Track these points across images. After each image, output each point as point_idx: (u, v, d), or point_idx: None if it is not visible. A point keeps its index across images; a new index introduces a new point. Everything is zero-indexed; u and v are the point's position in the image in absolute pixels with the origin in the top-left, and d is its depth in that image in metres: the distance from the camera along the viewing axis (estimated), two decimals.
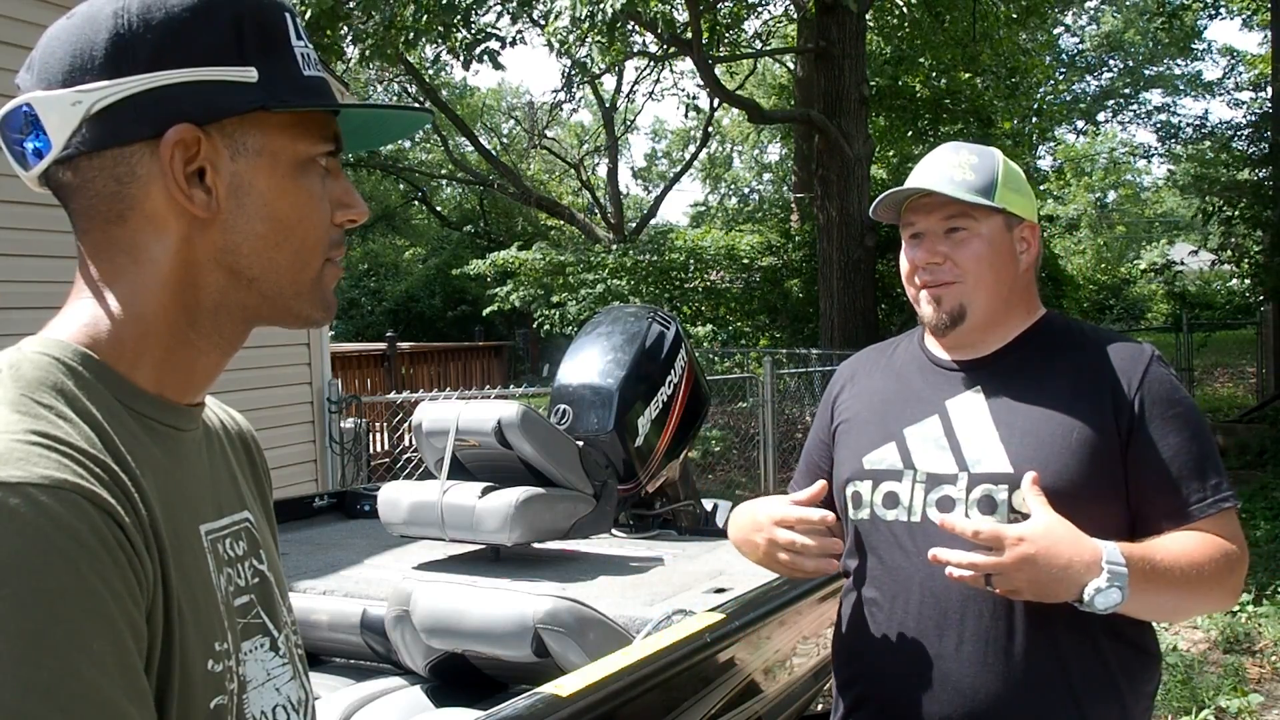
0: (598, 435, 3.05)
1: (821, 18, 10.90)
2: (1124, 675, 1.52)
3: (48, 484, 0.65)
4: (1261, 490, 7.93)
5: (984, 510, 1.51)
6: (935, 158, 1.62)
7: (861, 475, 1.64)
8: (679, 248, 14.12)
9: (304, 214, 0.83)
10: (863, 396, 1.74)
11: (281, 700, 0.87)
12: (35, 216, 4.52)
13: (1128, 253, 29.28)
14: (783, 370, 9.94)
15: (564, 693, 1.56)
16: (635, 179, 37.36)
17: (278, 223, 0.81)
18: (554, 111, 21.75)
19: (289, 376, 6.23)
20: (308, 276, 0.84)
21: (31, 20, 4.69)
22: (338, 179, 0.86)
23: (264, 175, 0.80)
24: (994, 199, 1.55)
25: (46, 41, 0.79)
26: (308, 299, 0.85)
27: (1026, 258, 1.62)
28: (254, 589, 0.87)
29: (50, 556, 0.63)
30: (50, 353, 0.76)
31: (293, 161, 0.82)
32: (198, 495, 0.84)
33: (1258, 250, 10.88)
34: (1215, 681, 4.44)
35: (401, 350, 12.28)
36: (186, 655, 0.74)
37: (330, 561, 2.92)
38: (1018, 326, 1.63)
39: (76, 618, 0.63)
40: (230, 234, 0.80)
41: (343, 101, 0.85)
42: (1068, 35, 27.04)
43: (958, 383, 1.62)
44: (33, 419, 0.70)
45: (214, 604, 0.80)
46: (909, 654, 1.55)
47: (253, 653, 0.85)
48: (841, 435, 1.73)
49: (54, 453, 0.68)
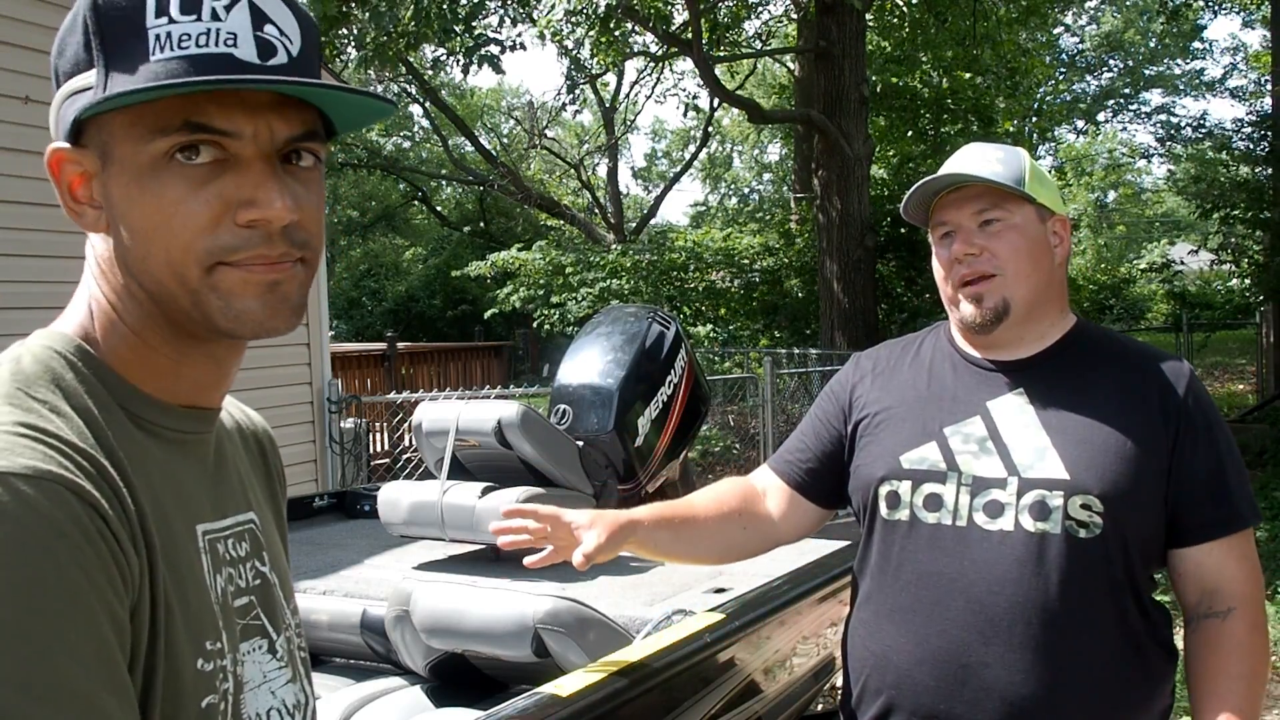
0: (598, 435, 3.05)
1: (821, 18, 10.90)
2: (1161, 679, 1.55)
3: (30, 474, 0.65)
4: (1261, 490, 7.92)
5: (1035, 516, 1.48)
6: (963, 155, 1.60)
7: (900, 474, 1.58)
8: (679, 248, 14.12)
9: (159, 221, 0.75)
10: (892, 390, 1.67)
11: (276, 704, 0.87)
12: (36, 216, 4.53)
13: (1128, 253, 29.29)
14: (783, 370, 9.93)
15: (564, 693, 1.56)
16: (635, 179, 37.37)
17: (135, 233, 0.76)
18: (557, 114, 21.76)
19: (289, 376, 6.23)
20: (189, 286, 0.76)
21: (32, 20, 4.68)
22: (241, 173, 0.76)
23: (116, 184, 0.76)
24: (1025, 189, 1.54)
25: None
26: (206, 308, 0.77)
27: (1060, 251, 1.60)
28: (254, 590, 0.87)
29: (29, 547, 0.63)
30: (54, 345, 0.77)
31: (142, 165, 0.75)
32: (196, 495, 0.83)
33: (1257, 250, 10.88)
34: None
35: (401, 350, 12.28)
36: (174, 652, 0.74)
37: (330, 561, 2.92)
38: (1053, 330, 1.60)
39: (54, 609, 0.62)
40: (115, 246, 0.79)
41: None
42: (1068, 35, 27.06)
43: (998, 384, 1.58)
44: (23, 412, 0.70)
45: (207, 604, 0.80)
46: (950, 662, 1.50)
47: (250, 654, 0.85)
48: (870, 430, 1.66)
49: (40, 445, 0.68)
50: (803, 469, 1.76)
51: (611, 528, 1.58)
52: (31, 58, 4.60)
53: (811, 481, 1.75)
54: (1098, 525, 1.46)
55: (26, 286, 4.54)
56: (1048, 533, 1.47)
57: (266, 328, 0.78)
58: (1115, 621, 1.48)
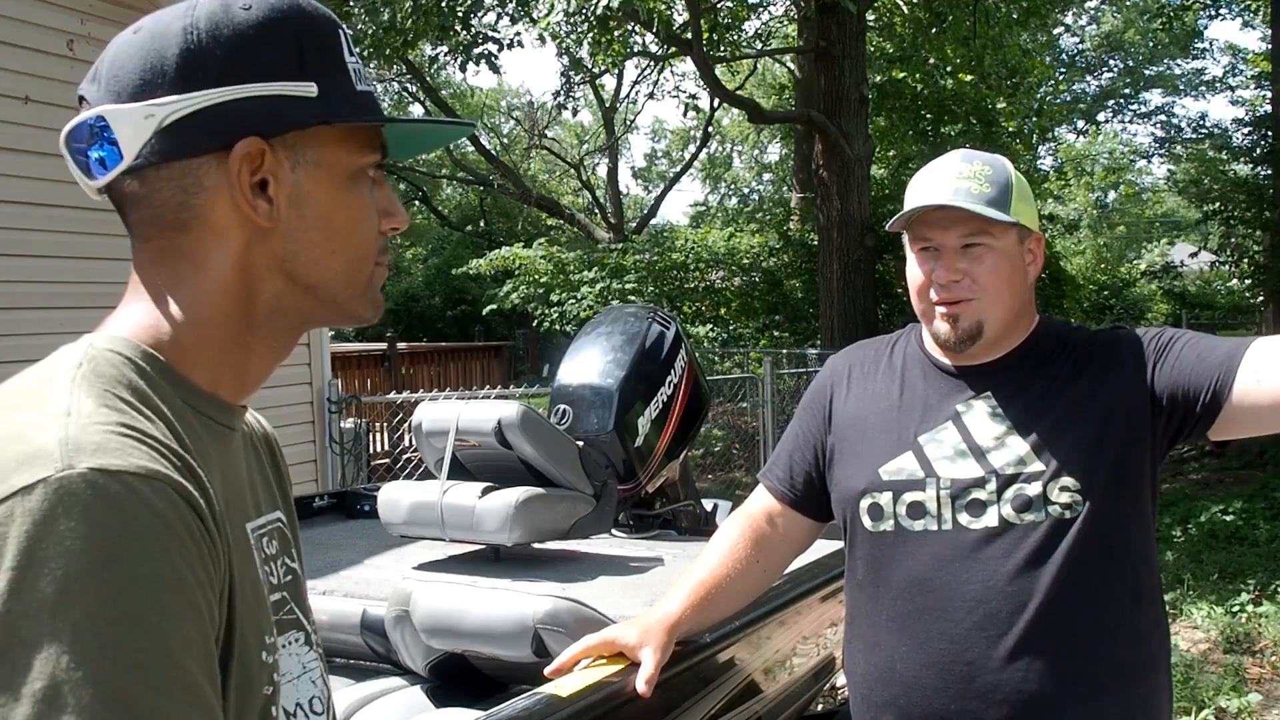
0: (598, 435, 3.05)
1: (821, 18, 10.89)
2: (1153, 650, 1.56)
3: (144, 473, 0.68)
4: (1262, 490, 7.92)
5: (1018, 509, 1.51)
6: (948, 168, 1.58)
7: (880, 486, 1.60)
8: (679, 248, 14.12)
9: (357, 222, 0.86)
10: (865, 400, 1.69)
11: (317, 692, 0.92)
12: (36, 216, 4.53)
13: (1128, 253, 29.30)
14: (783, 370, 9.94)
15: (564, 693, 1.56)
16: (635, 179, 37.40)
17: (334, 231, 0.85)
18: (556, 113, 21.76)
19: (289, 377, 6.22)
20: (361, 280, 0.88)
21: (32, 20, 4.68)
22: (383, 188, 0.89)
23: (322, 186, 0.84)
24: (1009, 211, 1.53)
25: (114, 55, 0.81)
26: (361, 301, 0.89)
27: (1034, 269, 1.62)
28: (286, 586, 0.92)
29: (148, 543, 0.66)
30: (121, 351, 0.79)
31: (347, 173, 0.85)
32: (243, 493, 0.87)
33: (1258, 251, 10.88)
34: (1215, 681, 4.44)
35: (401, 350, 12.28)
36: (246, 645, 0.78)
37: (330, 561, 2.92)
38: (1018, 335, 1.62)
39: (170, 603, 0.66)
40: (289, 242, 0.83)
41: (388, 113, 0.89)
42: (1068, 35, 27.05)
43: (967, 389, 1.61)
44: (119, 413, 0.72)
45: (262, 598, 0.84)
46: (955, 662, 1.51)
47: (287, 647, 0.89)
48: (846, 445, 1.68)
49: (144, 445, 0.70)
50: (797, 486, 1.77)
51: (659, 639, 1.62)
52: (31, 58, 4.60)
53: (807, 495, 1.76)
54: (1079, 504, 1.49)
55: (27, 286, 4.54)
56: (1034, 522, 1.50)
57: (379, 315, 0.93)
58: (1111, 598, 1.50)
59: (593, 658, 1.64)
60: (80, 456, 0.66)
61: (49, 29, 4.70)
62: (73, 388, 0.73)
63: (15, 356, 0.82)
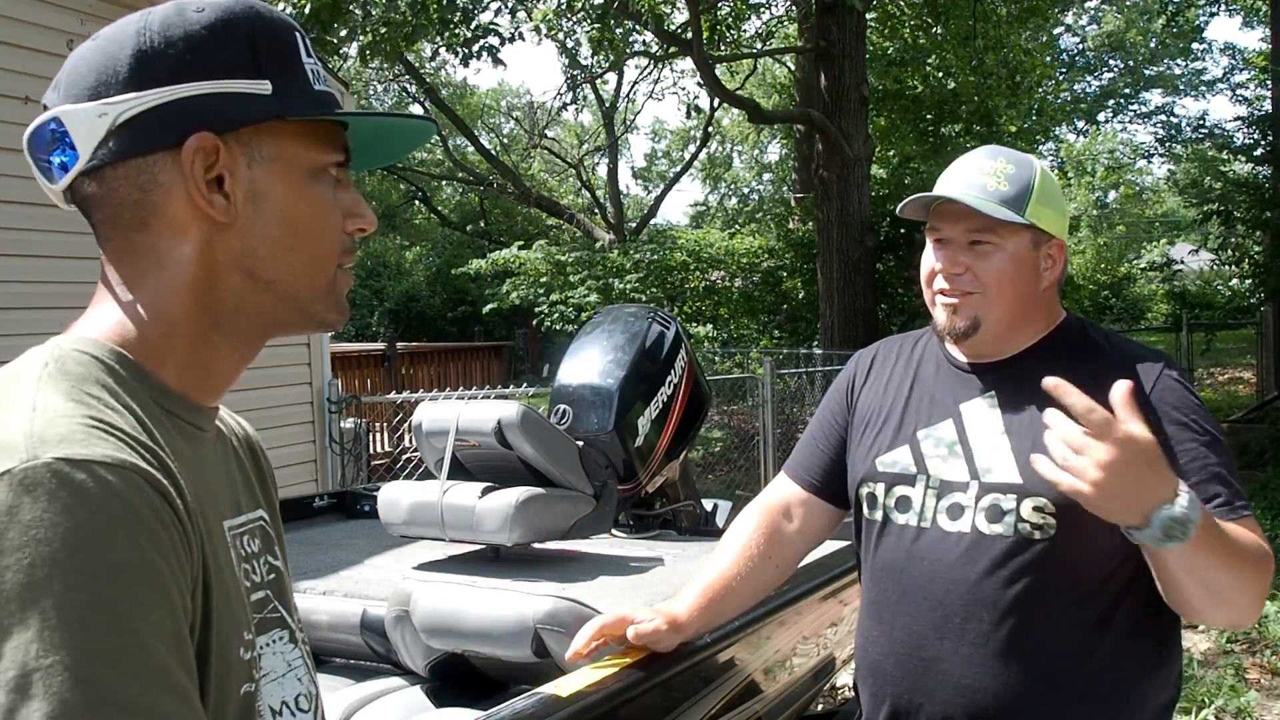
0: (598, 435, 3.05)
1: (822, 18, 10.90)
2: (1129, 685, 1.51)
3: (111, 462, 0.68)
4: (1262, 490, 7.93)
5: (991, 519, 1.51)
6: (970, 163, 1.59)
7: (875, 477, 1.65)
8: (679, 247, 14.12)
9: (317, 220, 0.86)
10: (880, 390, 1.73)
11: (303, 690, 0.92)
12: (35, 217, 4.52)
13: (1128, 253, 29.26)
14: (783, 370, 9.94)
15: (564, 693, 1.56)
16: (635, 179, 37.36)
17: (292, 227, 0.85)
18: (557, 114, 21.75)
19: (289, 377, 6.23)
20: (322, 280, 0.87)
21: (32, 20, 4.68)
22: (347, 189, 0.89)
23: (279, 182, 0.84)
24: (1024, 213, 1.51)
25: (72, 62, 0.83)
26: (322, 302, 0.88)
27: (1050, 275, 1.59)
28: (269, 584, 0.92)
29: (115, 530, 0.66)
30: (88, 350, 0.80)
31: (306, 169, 0.85)
32: (219, 491, 0.88)
33: (1258, 250, 10.88)
34: (1215, 681, 4.44)
35: (401, 350, 12.29)
36: (223, 640, 0.78)
37: (330, 561, 2.92)
38: (1035, 333, 1.61)
39: (139, 590, 0.66)
40: (248, 238, 0.84)
41: (347, 110, 0.88)
42: (1068, 35, 27.05)
43: (972, 386, 1.61)
44: (86, 407, 0.73)
45: (240, 595, 0.84)
46: (912, 655, 1.57)
47: (270, 645, 0.89)
48: (858, 432, 1.73)
49: (111, 436, 0.71)
50: (818, 472, 1.80)
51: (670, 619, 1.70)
52: (31, 58, 4.60)
53: (827, 482, 1.79)
54: (1051, 527, 1.47)
55: (26, 286, 4.54)
56: (1000, 535, 1.50)
57: (343, 322, 0.92)
58: (1075, 622, 1.48)
59: (605, 638, 1.68)
60: (45, 448, 0.67)
61: (49, 29, 4.70)
62: (39, 385, 0.74)
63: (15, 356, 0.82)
